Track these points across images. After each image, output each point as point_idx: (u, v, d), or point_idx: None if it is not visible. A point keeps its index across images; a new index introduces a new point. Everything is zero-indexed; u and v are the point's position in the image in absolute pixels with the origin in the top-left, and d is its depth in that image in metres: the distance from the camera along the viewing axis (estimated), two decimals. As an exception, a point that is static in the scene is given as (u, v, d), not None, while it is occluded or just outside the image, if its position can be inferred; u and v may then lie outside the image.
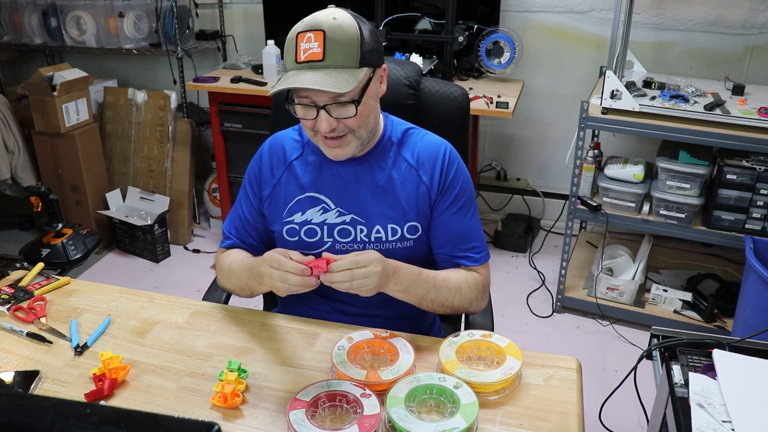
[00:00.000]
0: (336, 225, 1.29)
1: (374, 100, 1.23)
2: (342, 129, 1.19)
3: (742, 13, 2.74)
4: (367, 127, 1.22)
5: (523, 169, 3.36)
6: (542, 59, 3.08)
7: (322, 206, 1.30)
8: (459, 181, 1.30)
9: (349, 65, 1.13)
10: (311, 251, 1.29)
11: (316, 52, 1.12)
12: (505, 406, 1.07)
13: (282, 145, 1.35)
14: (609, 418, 1.67)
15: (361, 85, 1.16)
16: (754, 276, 2.01)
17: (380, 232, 1.28)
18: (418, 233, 1.29)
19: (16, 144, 3.09)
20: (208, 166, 3.46)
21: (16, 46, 3.51)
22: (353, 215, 1.29)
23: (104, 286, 1.43)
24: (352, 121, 1.18)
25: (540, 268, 3.05)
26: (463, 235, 1.31)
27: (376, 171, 1.29)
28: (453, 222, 1.30)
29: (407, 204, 1.28)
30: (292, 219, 1.31)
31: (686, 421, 1.00)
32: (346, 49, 1.13)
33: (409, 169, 1.29)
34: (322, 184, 1.30)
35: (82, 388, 1.11)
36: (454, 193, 1.29)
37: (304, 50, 1.13)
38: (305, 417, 0.99)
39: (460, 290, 1.28)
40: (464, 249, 1.31)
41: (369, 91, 1.19)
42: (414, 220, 1.29)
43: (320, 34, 1.12)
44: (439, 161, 1.29)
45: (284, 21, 3.25)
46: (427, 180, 1.29)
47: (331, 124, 1.16)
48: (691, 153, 2.37)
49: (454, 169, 1.30)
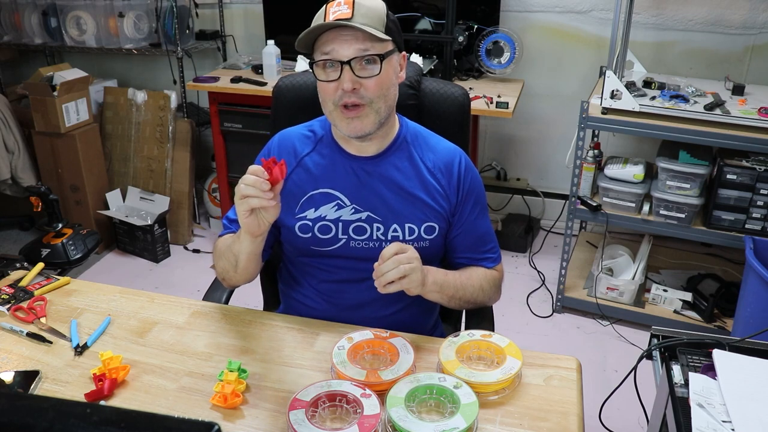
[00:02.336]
0: (351, 222, 1.28)
1: (395, 76, 1.24)
2: (362, 94, 1.18)
3: (742, 13, 2.74)
4: (386, 102, 1.22)
5: (523, 169, 3.36)
6: (542, 59, 3.08)
7: (337, 202, 1.28)
8: (476, 187, 1.34)
9: (375, 27, 1.16)
10: (325, 248, 1.29)
11: (345, 12, 1.15)
12: (505, 406, 1.07)
13: (292, 141, 1.33)
14: (609, 418, 1.67)
15: (387, 49, 1.18)
16: (754, 276, 2.01)
17: (397, 231, 1.28)
18: (434, 234, 1.30)
19: (16, 144, 3.09)
20: (208, 166, 3.46)
21: (16, 46, 3.51)
22: (369, 213, 1.28)
23: (104, 286, 1.43)
24: (373, 86, 1.18)
25: (540, 268, 3.05)
26: (482, 238, 1.36)
27: (392, 169, 1.29)
28: (474, 227, 1.34)
29: (424, 203, 1.29)
30: (305, 215, 1.29)
31: (686, 421, 1.00)
32: (373, 12, 1.17)
33: (426, 170, 1.30)
34: (336, 179, 1.29)
35: (82, 388, 1.11)
36: (473, 199, 1.33)
37: (333, 12, 1.15)
38: (305, 417, 0.99)
39: (482, 288, 1.34)
40: (484, 251, 1.37)
41: (391, 61, 1.21)
42: (432, 220, 1.29)
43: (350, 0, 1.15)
44: (456, 168, 1.31)
45: (284, 21, 3.26)
46: (445, 183, 1.30)
47: (354, 82, 1.17)
48: (691, 153, 2.37)
49: (471, 176, 1.33)
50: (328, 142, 1.30)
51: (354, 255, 1.29)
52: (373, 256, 1.23)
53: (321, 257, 1.31)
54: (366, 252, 1.28)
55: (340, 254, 1.29)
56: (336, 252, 1.29)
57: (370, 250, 1.28)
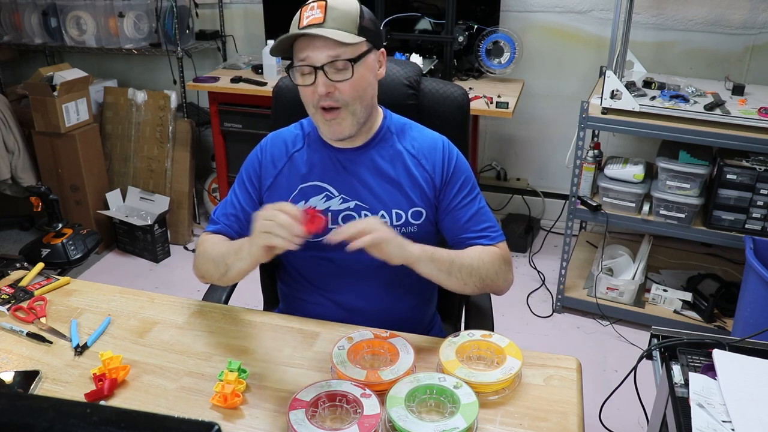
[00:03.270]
0: (340, 212, 1.31)
1: (371, 75, 1.25)
2: (337, 97, 1.20)
3: (742, 13, 2.74)
4: (363, 102, 1.24)
5: (523, 169, 3.36)
6: (542, 59, 3.08)
7: (326, 194, 1.31)
8: (461, 170, 1.33)
9: (347, 30, 1.18)
10: (316, 239, 1.29)
11: (317, 17, 1.17)
12: (505, 406, 1.07)
13: (283, 139, 1.37)
14: (609, 418, 1.67)
15: (359, 52, 1.19)
16: (754, 276, 2.01)
17: (385, 218, 1.30)
18: (422, 218, 1.31)
19: (16, 144, 3.09)
20: (208, 166, 3.46)
21: (16, 46, 3.51)
22: (357, 201, 1.31)
23: (104, 286, 1.43)
24: (348, 89, 1.20)
25: (540, 268, 3.05)
26: (474, 218, 1.33)
27: (376, 158, 1.32)
28: (463, 210, 1.33)
29: (410, 189, 1.31)
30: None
31: (686, 421, 1.00)
32: (345, 16, 1.18)
33: (410, 157, 1.32)
34: (324, 172, 1.32)
35: (82, 388, 1.11)
36: (459, 182, 1.33)
37: (306, 17, 1.18)
38: (305, 417, 0.99)
39: (483, 259, 1.27)
40: (478, 231, 1.33)
41: (366, 62, 1.22)
42: (418, 205, 1.31)
43: (322, 4, 1.18)
44: (439, 152, 1.32)
45: (284, 21, 3.26)
46: (429, 168, 1.31)
47: (328, 86, 1.19)
48: (691, 153, 2.37)
49: (455, 159, 1.33)
50: (315, 137, 1.34)
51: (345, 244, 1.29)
52: None
53: (314, 249, 1.31)
54: None
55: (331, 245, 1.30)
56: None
57: None
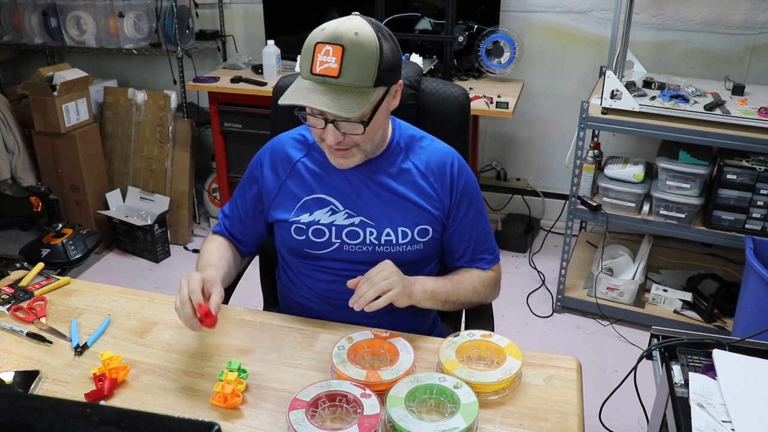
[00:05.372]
0: (345, 227, 1.29)
1: (385, 117, 1.24)
2: (348, 143, 1.20)
3: (742, 13, 2.74)
4: (374, 142, 1.24)
5: (523, 169, 3.36)
6: (542, 59, 3.08)
7: (331, 207, 1.30)
8: (470, 189, 1.33)
9: (363, 85, 1.13)
10: (319, 251, 1.30)
11: (332, 68, 1.10)
12: (505, 406, 1.07)
13: (284, 148, 1.35)
14: (609, 418, 1.67)
15: (373, 106, 1.16)
16: (754, 276, 2.01)
17: (390, 235, 1.28)
18: (428, 237, 1.30)
19: (16, 144, 3.09)
20: (208, 166, 3.46)
21: (16, 46, 3.51)
22: (362, 217, 1.29)
23: (104, 286, 1.43)
24: (358, 138, 1.19)
25: (540, 268, 3.05)
26: (478, 239, 1.36)
27: (384, 174, 1.30)
28: (470, 229, 1.34)
29: (417, 207, 1.29)
30: (299, 219, 1.31)
31: (686, 421, 1.00)
32: (363, 68, 1.12)
33: (418, 174, 1.30)
34: (329, 185, 1.30)
35: (82, 388, 1.11)
36: (467, 201, 1.33)
37: (321, 62, 1.11)
38: (305, 417, 0.99)
39: (476, 290, 1.35)
40: (480, 252, 1.37)
41: (381, 109, 1.19)
42: (425, 223, 1.30)
43: (339, 50, 1.10)
44: (449, 170, 1.31)
45: (284, 21, 3.26)
46: (438, 186, 1.30)
47: (338, 137, 1.17)
48: (691, 153, 2.37)
49: (464, 177, 1.32)
50: (319, 148, 1.30)
51: (348, 258, 1.30)
52: (366, 259, 1.26)
53: (315, 260, 1.32)
54: (359, 256, 1.29)
55: (334, 257, 1.31)
56: (330, 255, 1.31)
57: (363, 254, 1.29)
